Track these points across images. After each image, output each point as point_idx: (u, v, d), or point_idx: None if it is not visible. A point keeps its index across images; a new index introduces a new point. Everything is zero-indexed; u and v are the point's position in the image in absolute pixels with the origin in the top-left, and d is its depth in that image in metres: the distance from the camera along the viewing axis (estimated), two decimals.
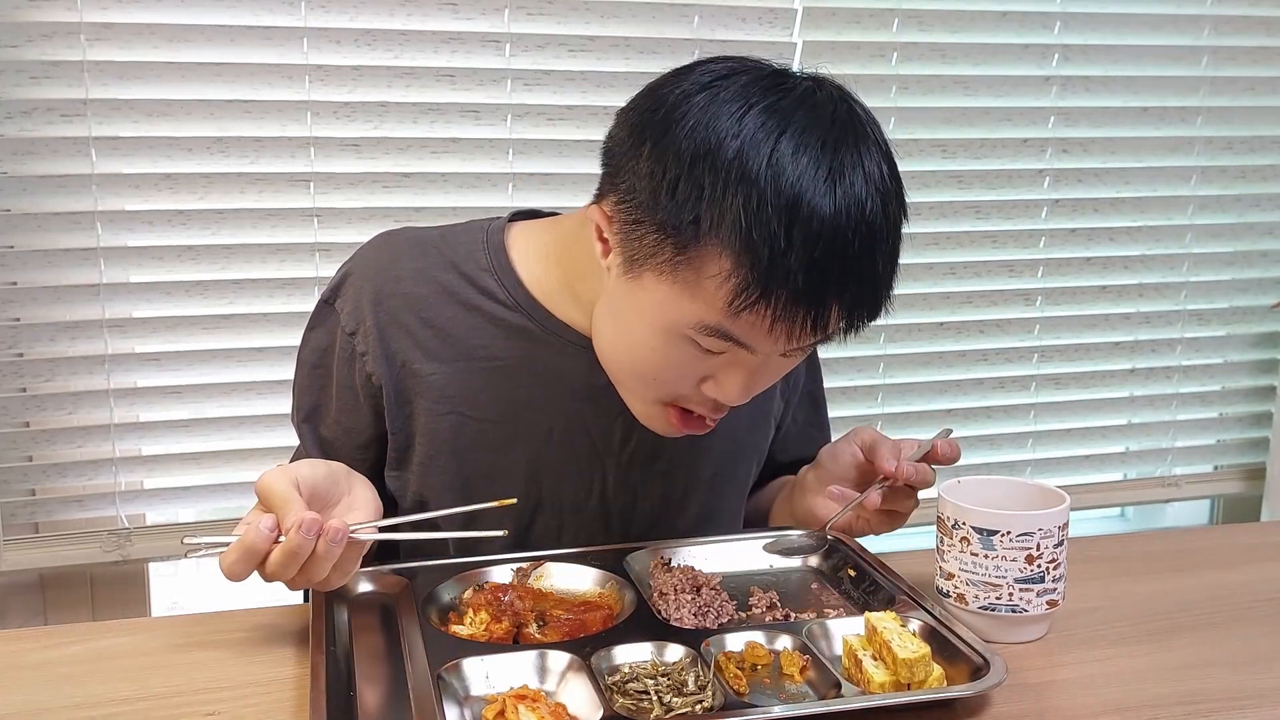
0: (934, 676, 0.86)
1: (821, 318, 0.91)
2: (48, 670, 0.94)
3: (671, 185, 0.90)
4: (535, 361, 1.11)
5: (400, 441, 1.12)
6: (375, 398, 1.11)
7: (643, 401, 1.04)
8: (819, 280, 0.88)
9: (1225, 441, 2.21)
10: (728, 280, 0.89)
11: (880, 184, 0.91)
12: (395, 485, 1.13)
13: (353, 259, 1.14)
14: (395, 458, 1.12)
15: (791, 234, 0.87)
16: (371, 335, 1.10)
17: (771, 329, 0.91)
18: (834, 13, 1.86)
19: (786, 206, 0.87)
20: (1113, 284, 2.08)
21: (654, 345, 0.97)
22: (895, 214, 0.92)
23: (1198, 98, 2.05)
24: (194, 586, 2.35)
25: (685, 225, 0.89)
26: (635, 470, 1.14)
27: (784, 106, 0.90)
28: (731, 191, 0.87)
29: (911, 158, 1.94)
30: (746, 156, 0.87)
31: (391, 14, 1.68)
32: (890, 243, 0.92)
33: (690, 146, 0.89)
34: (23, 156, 1.58)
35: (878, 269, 0.92)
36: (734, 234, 0.87)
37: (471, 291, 1.11)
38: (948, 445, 1.09)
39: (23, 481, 1.65)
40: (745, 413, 1.20)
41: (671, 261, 0.91)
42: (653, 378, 1.00)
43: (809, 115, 0.90)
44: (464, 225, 1.17)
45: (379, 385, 1.10)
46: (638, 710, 0.83)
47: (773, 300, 0.89)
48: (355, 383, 1.11)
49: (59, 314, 1.62)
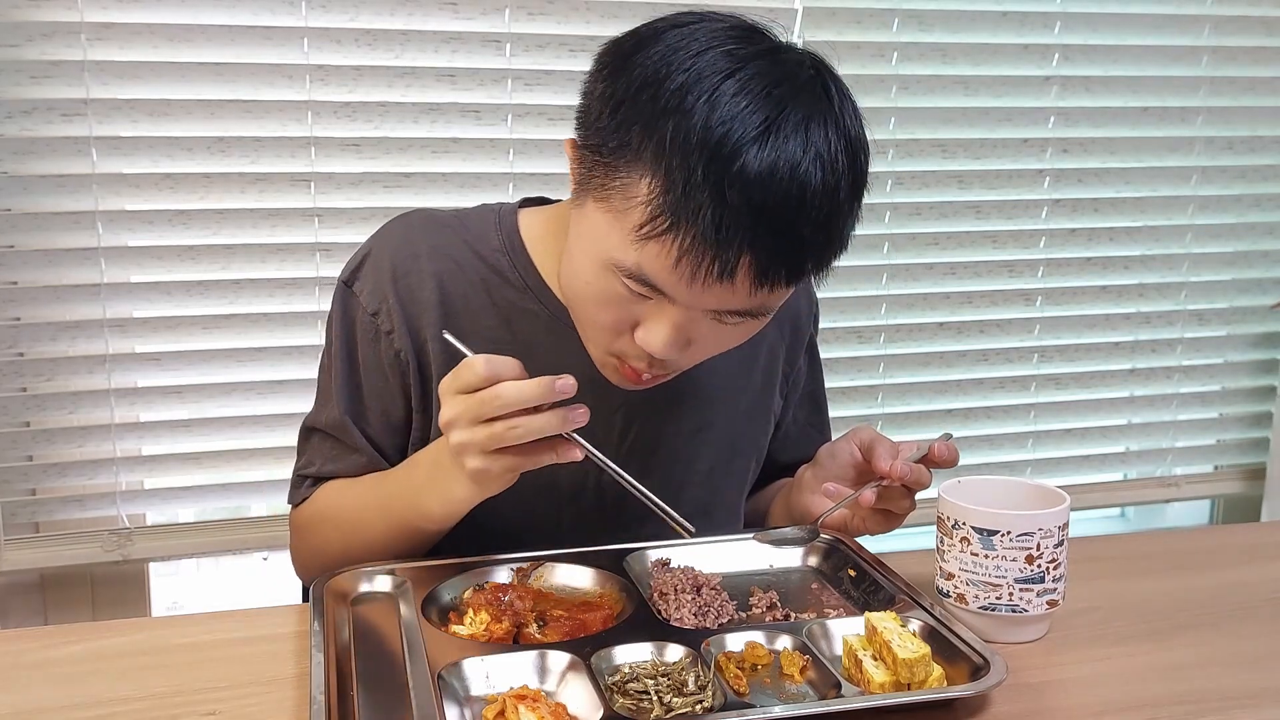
0: (934, 676, 0.86)
1: (728, 266, 0.89)
2: (48, 670, 0.94)
3: (616, 107, 0.91)
4: (538, 347, 1.11)
5: (423, 421, 1.12)
6: (404, 375, 1.11)
7: (594, 348, 1.04)
8: (730, 224, 0.87)
9: (1225, 441, 2.21)
10: (642, 206, 0.89)
11: (825, 153, 0.89)
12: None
13: (371, 239, 1.14)
14: (419, 437, 1.13)
15: (709, 170, 0.86)
16: (395, 312, 1.10)
17: (677, 266, 0.89)
18: (834, 13, 1.86)
19: (712, 143, 0.86)
20: (1113, 284, 2.08)
21: (589, 279, 0.97)
22: (837, 186, 0.90)
23: (1198, 98, 2.05)
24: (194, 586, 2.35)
25: (617, 147, 0.91)
26: (633, 462, 1.15)
27: (743, 54, 0.90)
28: (665, 119, 0.88)
29: (911, 158, 1.95)
30: (688, 88, 0.88)
31: (391, 14, 1.68)
32: (824, 212, 0.90)
33: (642, 74, 0.90)
34: (23, 156, 1.58)
35: (800, 232, 0.90)
36: (657, 160, 0.88)
37: (485, 271, 1.12)
38: (946, 448, 1.09)
39: (23, 481, 1.65)
40: (742, 408, 1.21)
41: (605, 185, 0.92)
42: (592, 319, 1.00)
43: (765, 65, 0.90)
44: (476, 208, 1.18)
45: (407, 362, 1.11)
46: (638, 710, 0.83)
47: (680, 234, 0.88)
48: (383, 362, 1.11)
49: (59, 314, 1.62)
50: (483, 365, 0.90)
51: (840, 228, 0.93)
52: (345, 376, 1.13)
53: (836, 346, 1.96)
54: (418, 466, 1.06)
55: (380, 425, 1.13)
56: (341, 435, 1.13)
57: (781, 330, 1.25)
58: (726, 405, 1.20)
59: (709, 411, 1.19)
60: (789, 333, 1.26)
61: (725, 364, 1.19)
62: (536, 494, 1.12)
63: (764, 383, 1.24)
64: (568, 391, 0.90)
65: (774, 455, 1.29)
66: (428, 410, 1.12)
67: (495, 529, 1.12)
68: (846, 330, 1.97)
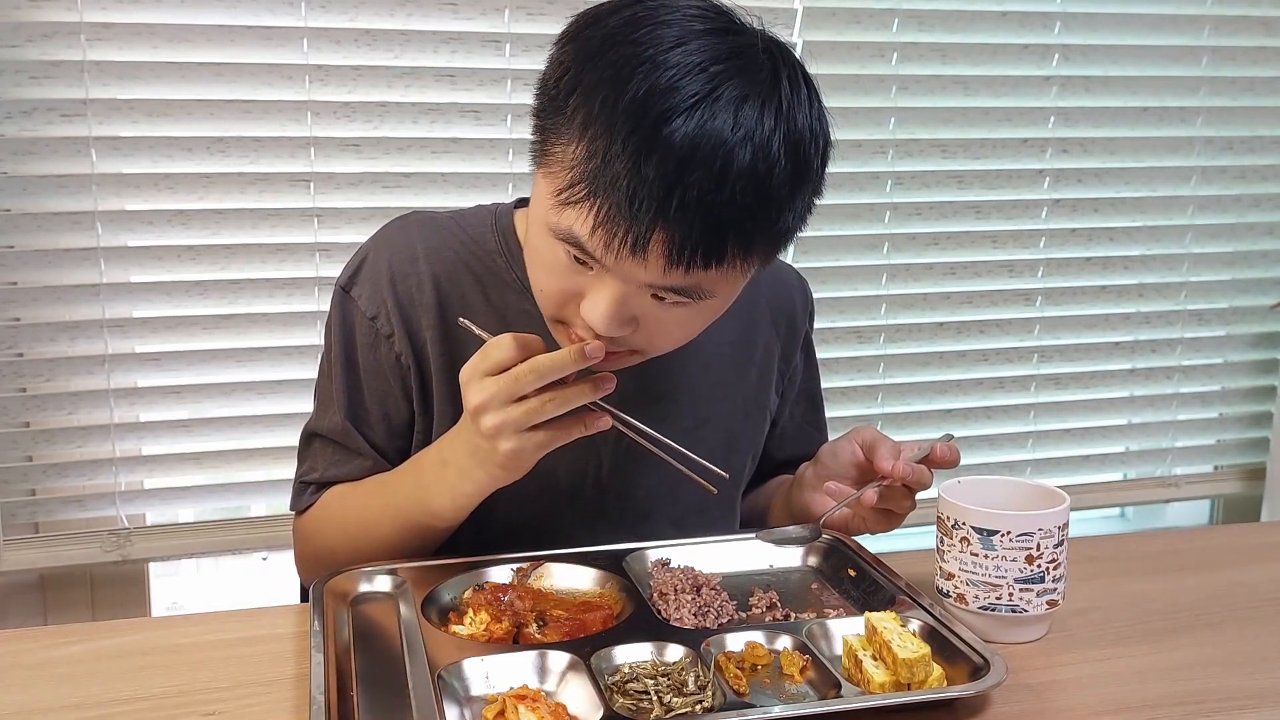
0: (934, 676, 0.86)
1: (640, 240, 0.87)
2: (48, 670, 0.94)
3: (560, 73, 0.91)
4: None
5: (424, 423, 1.13)
6: (405, 378, 1.11)
7: (546, 317, 1.03)
8: (644, 198, 0.85)
9: (1225, 441, 2.21)
10: (566, 172, 0.89)
11: (759, 137, 0.86)
12: None
13: (368, 243, 1.15)
14: (421, 439, 1.13)
15: (629, 141, 0.85)
16: (394, 316, 1.10)
17: (593, 234, 0.89)
18: (834, 13, 1.86)
19: (637, 113, 0.85)
20: (1113, 284, 2.08)
21: (537, 245, 0.97)
22: (767, 173, 0.87)
23: (1198, 98, 2.05)
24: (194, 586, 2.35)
25: (554, 112, 0.91)
26: (631, 460, 1.15)
27: (694, 30, 0.89)
28: (601, 87, 0.87)
29: (911, 158, 1.95)
30: (628, 59, 0.87)
31: (391, 14, 1.68)
32: (747, 195, 0.87)
33: (591, 45, 0.90)
34: (23, 156, 1.58)
35: (719, 214, 0.86)
36: (585, 128, 0.87)
37: (482, 272, 1.12)
38: (947, 449, 1.09)
39: (23, 481, 1.65)
40: (739, 405, 1.21)
41: (546, 152, 0.92)
42: (540, 288, 0.99)
43: (715, 42, 0.88)
44: (472, 209, 1.18)
45: (408, 365, 1.11)
46: (638, 710, 0.83)
47: (596, 203, 0.87)
48: (383, 366, 1.11)
49: (59, 314, 1.62)
50: (512, 342, 0.90)
51: (773, 216, 0.90)
52: (345, 382, 1.12)
53: (836, 346, 1.96)
54: (423, 465, 1.06)
55: (382, 429, 1.13)
56: (344, 440, 1.13)
57: (777, 328, 1.25)
58: (723, 403, 1.20)
59: (706, 409, 1.19)
60: (784, 330, 1.26)
61: (721, 362, 1.19)
62: (537, 494, 1.13)
63: (760, 380, 1.24)
64: (597, 356, 0.90)
65: (770, 452, 1.29)
66: (429, 412, 1.12)
67: (496, 529, 1.12)
68: (846, 330, 1.96)
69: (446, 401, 1.11)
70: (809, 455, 1.27)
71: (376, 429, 1.13)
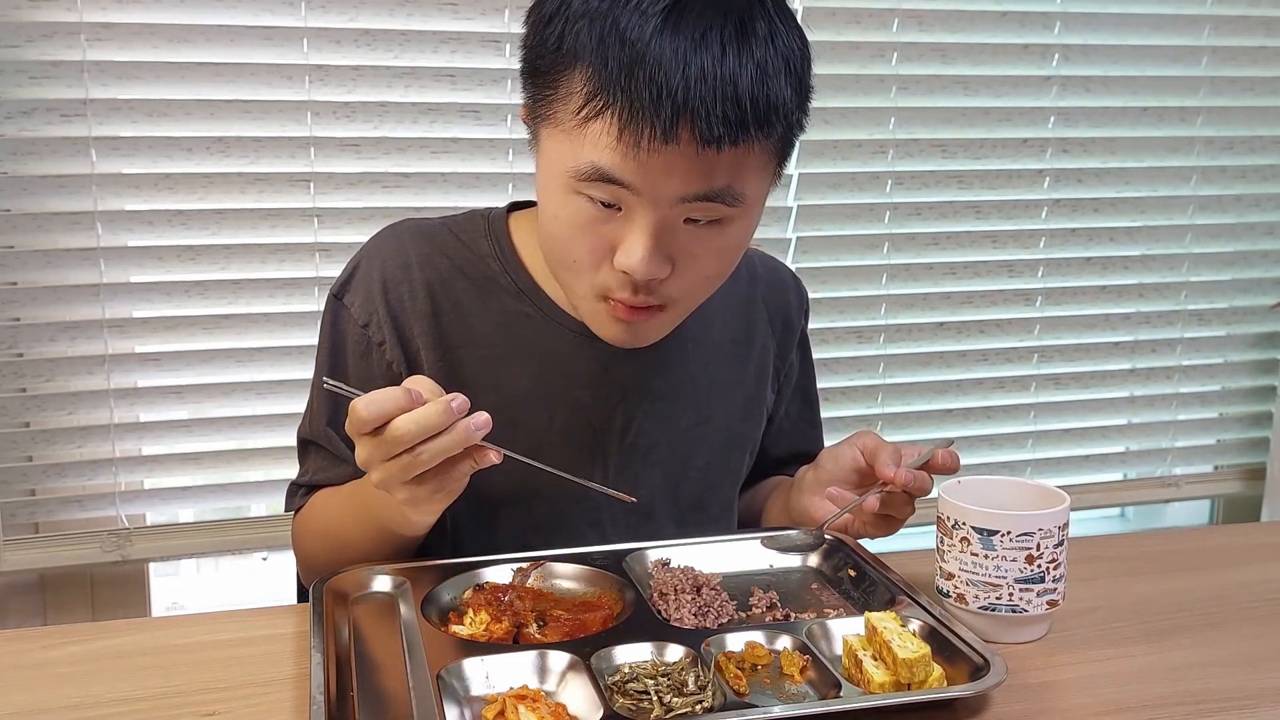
0: (934, 676, 0.86)
1: (670, 126, 0.89)
2: (48, 670, 0.94)
3: (545, 21, 0.95)
4: (537, 349, 1.12)
5: None
6: (396, 385, 1.11)
7: (580, 298, 1.04)
8: (661, 83, 0.88)
9: (1225, 441, 2.21)
10: (579, 94, 0.92)
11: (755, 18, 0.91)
12: None
13: (361, 251, 1.15)
14: None
15: (629, 36, 0.89)
16: (386, 324, 1.10)
17: (620, 140, 0.91)
18: (834, 13, 1.86)
19: (636, 12, 0.89)
20: (1113, 284, 2.08)
21: (557, 211, 0.98)
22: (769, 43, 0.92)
23: (1198, 98, 2.05)
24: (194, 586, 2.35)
25: (551, 53, 0.94)
26: (635, 459, 1.15)
27: None
28: (590, 13, 0.91)
29: (911, 158, 1.95)
30: None
31: (391, 14, 1.68)
32: (757, 67, 0.91)
33: None
34: (23, 156, 1.58)
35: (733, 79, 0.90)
36: (584, 48, 0.91)
37: (476, 276, 1.12)
38: (948, 455, 1.09)
39: (23, 481, 1.65)
40: (738, 403, 1.22)
41: (550, 102, 0.95)
42: (571, 258, 1.00)
43: None
44: (465, 214, 1.18)
45: (399, 373, 1.11)
46: (638, 710, 0.83)
47: (615, 107, 0.90)
48: (374, 374, 1.11)
49: (59, 314, 1.63)
50: (363, 408, 0.88)
51: (777, 90, 0.93)
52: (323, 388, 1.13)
53: (836, 346, 1.96)
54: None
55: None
56: (329, 445, 1.14)
57: (773, 326, 1.26)
58: (722, 400, 1.21)
59: (706, 407, 1.19)
60: (780, 328, 1.27)
61: (720, 360, 1.20)
62: (543, 495, 1.13)
63: (757, 377, 1.24)
64: (465, 409, 0.88)
65: (766, 449, 1.30)
66: None
67: (500, 528, 1.12)
68: (846, 330, 1.96)
69: None
70: (803, 452, 1.28)
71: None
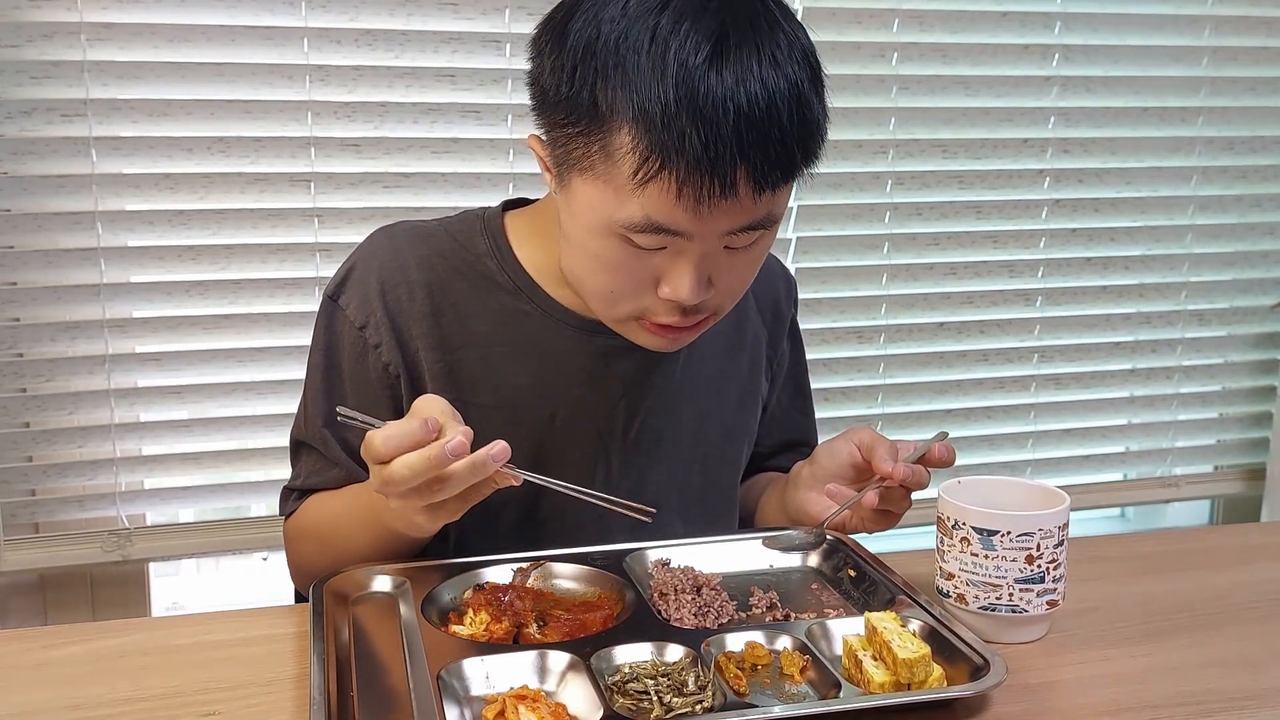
0: (934, 676, 0.86)
1: (729, 181, 0.91)
2: (48, 670, 0.94)
3: (570, 76, 0.93)
4: (536, 346, 1.12)
5: None
6: (394, 387, 1.11)
7: (616, 322, 1.05)
8: (716, 140, 0.89)
9: (1225, 442, 2.21)
10: (630, 155, 0.91)
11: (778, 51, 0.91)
12: None
13: (356, 253, 1.14)
14: None
15: (679, 96, 0.88)
16: (383, 325, 1.10)
17: (680, 198, 0.91)
18: (834, 13, 1.86)
19: (672, 71, 0.88)
20: (1113, 284, 2.08)
21: (597, 253, 0.98)
22: (798, 77, 0.92)
23: (1198, 98, 2.05)
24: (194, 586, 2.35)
25: (586, 111, 0.92)
26: (640, 454, 1.15)
27: None
28: (620, 67, 0.90)
29: (911, 158, 1.95)
30: (630, 33, 0.90)
31: (391, 14, 1.68)
32: (794, 103, 0.92)
33: (582, 37, 0.92)
34: (23, 156, 1.58)
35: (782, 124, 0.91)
36: (627, 108, 0.90)
37: (474, 276, 1.12)
38: (944, 449, 1.09)
39: (23, 481, 1.65)
40: (734, 394, 1.22)
41: (586, 154, 0.94)
42: (609, 290, 1.01)
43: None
44: (459, 215, 1.18)
45: (397, 374, 1.11)
46: (638, 710, 0.83)
47: (674, 166, 0.90)
48: (371, 376, 1.11)
49: (59, 314, 1.62)
50: (381, 444, 0.88)
51: (814, 113, 0.95)
52: (325, 390, 1.12)
53: (836, 346, 1.96)
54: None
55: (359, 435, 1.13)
56: (322, 449, 1.13)
57: (764, 315, 1.26)
58: (720, 393, 1.21)
59: (705, 400, 1.20)
60: (770, 317, 1.27)
61: (715, 353, 1.20)
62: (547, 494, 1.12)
63: (751, 368, 1.25)
64: (461, 452, 0.87)
65: (758, 438, 1.30)
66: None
67: (503, 527, 1.12)
68: (846, 330, 1.96)
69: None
70: (793, 441, 1.28)
71: (356, 438, 1.13)
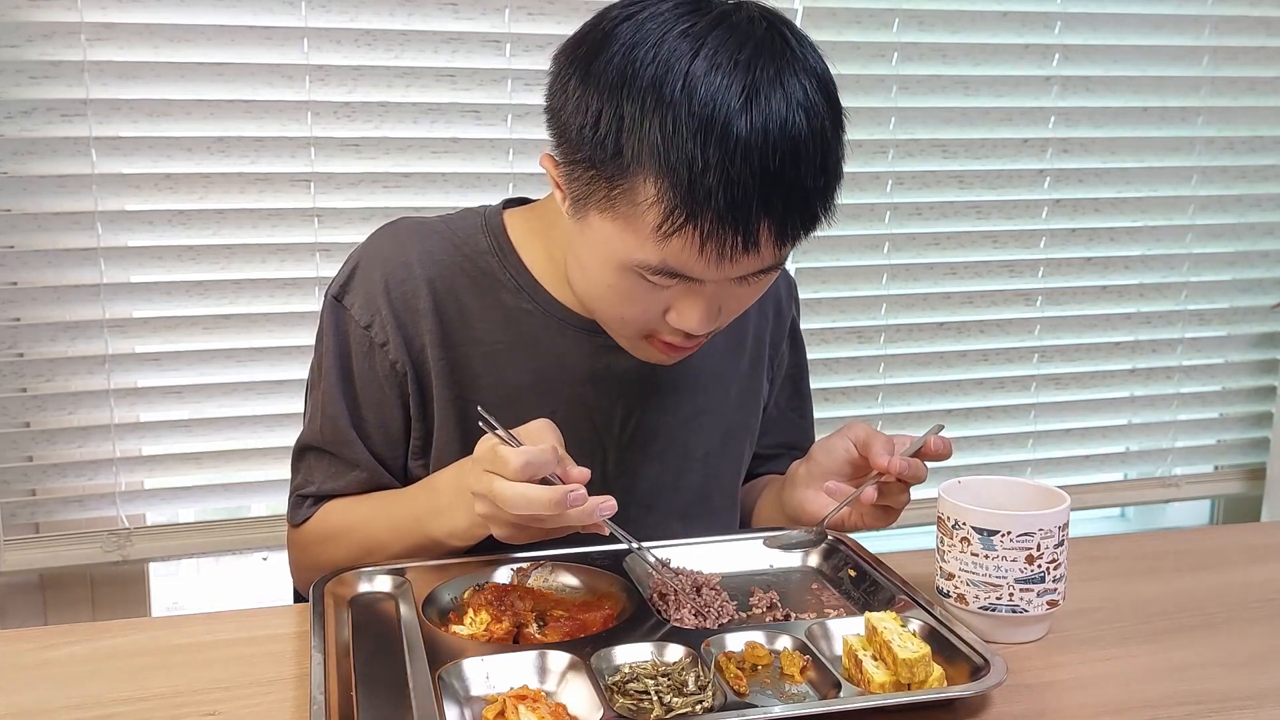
0: (934, 676, 0.86)
1: (751, 236, 0.91)
2: (48, 670, 0.94)
3: (595, 119, 0.92)
4: (536, 345, 1.12)
5: (422, 429, 1.12)
6: (401, 385, 1.11)
7: (624, 338, 1.07)
8: (741, 198, 0.89)
9: (1225, 442, 2.21)
10: (654, 206, 0.91)
11: (804, 100, 0.91)
12: (420, 474, 1.14)
13: (358, 251, 1.14)
14: (419, 445, 1.13)
15: (708, 154, 0.88)
16: (389, 323, 1.10)
17: (702, 251, 0.92)
18: (834, 13, 1.86)
19: (701, 127, 0.88)
20: (1113, 284, 2.08)
21: (610, 283, 0.99)
22: (823, 127, 0.93)
23: (1198, 98, 2.05)
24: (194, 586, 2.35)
25: (611, 157, 0.92)
26: (635, 452, 1.16)
27: (697, 30, 0.91)
28: (648, 118, 0.89)
29: (911, 158, 1.95)
30: (661, 81, 0.89)
31: (391, 14, 1.68)
32: (818, 156, 0.92)
33: (609, 79, 0.92)
34: (23, 156, 1.58)
35: (805, 183, 0.92)
36: (654, 159, 0.89)
37: (475, 273, 1.12)
38: (940, 441, 1.10)
39: (23, 481, 1.65)
40: (733, 393, 1.23)
41: (608, 197, 0.94)
42: (619, 315, 1.02)
43: (723, 36, 0.91)
44: (459, 213, 1.18)
45: (404, 372, 1.11)
46: (638, 710, 0.83)
47: (699, 221, 0.90)
48: (379, 375, 1.11)
49: (59, 314, 1.62)
50: (516, 467, 0.92)
51: (835, 164, 0.96)
52: (340, 391, 1.12)
53: (836, 346, 1.96)
54: (423, 494, 1.08)
55: (380, 438, 1.13)
56: (340, 451, 1.13)
57: (765, 315, 1.26)
58: (719, 391, 1.21)
59: (703, 398, 1.20)
60: (772, 317, 1.27)
61: (716, 351, 1.20)
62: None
63: (751, 367, 1.25)
64: (578, 504, 0.92)
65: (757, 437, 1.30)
66: (427, 419, 1.12)
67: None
68: (846, 330, 1.96)
69: (447, 405, 1.11)
70: (792, 442, 1.28)
71: (374, 437, 1.13)
